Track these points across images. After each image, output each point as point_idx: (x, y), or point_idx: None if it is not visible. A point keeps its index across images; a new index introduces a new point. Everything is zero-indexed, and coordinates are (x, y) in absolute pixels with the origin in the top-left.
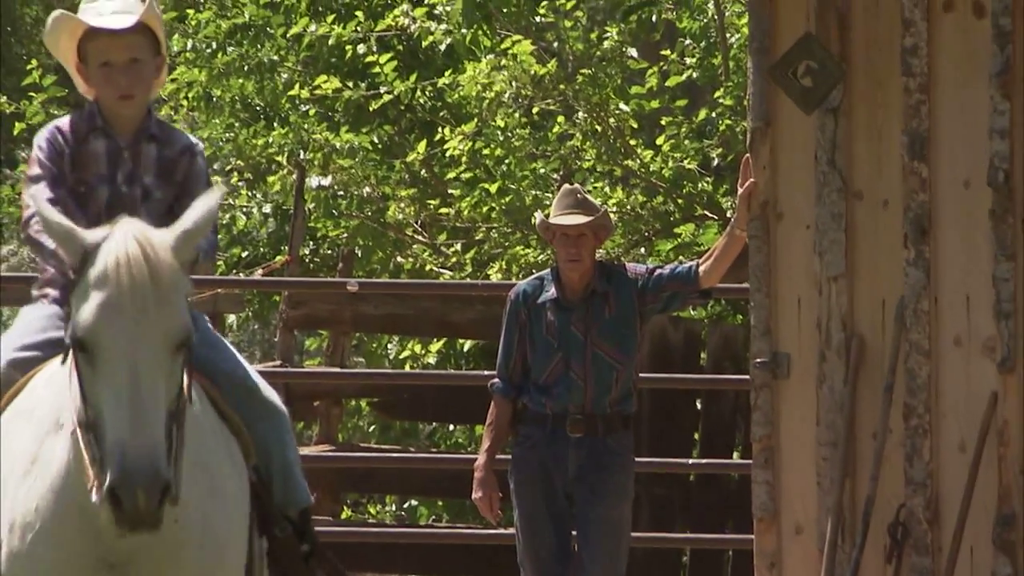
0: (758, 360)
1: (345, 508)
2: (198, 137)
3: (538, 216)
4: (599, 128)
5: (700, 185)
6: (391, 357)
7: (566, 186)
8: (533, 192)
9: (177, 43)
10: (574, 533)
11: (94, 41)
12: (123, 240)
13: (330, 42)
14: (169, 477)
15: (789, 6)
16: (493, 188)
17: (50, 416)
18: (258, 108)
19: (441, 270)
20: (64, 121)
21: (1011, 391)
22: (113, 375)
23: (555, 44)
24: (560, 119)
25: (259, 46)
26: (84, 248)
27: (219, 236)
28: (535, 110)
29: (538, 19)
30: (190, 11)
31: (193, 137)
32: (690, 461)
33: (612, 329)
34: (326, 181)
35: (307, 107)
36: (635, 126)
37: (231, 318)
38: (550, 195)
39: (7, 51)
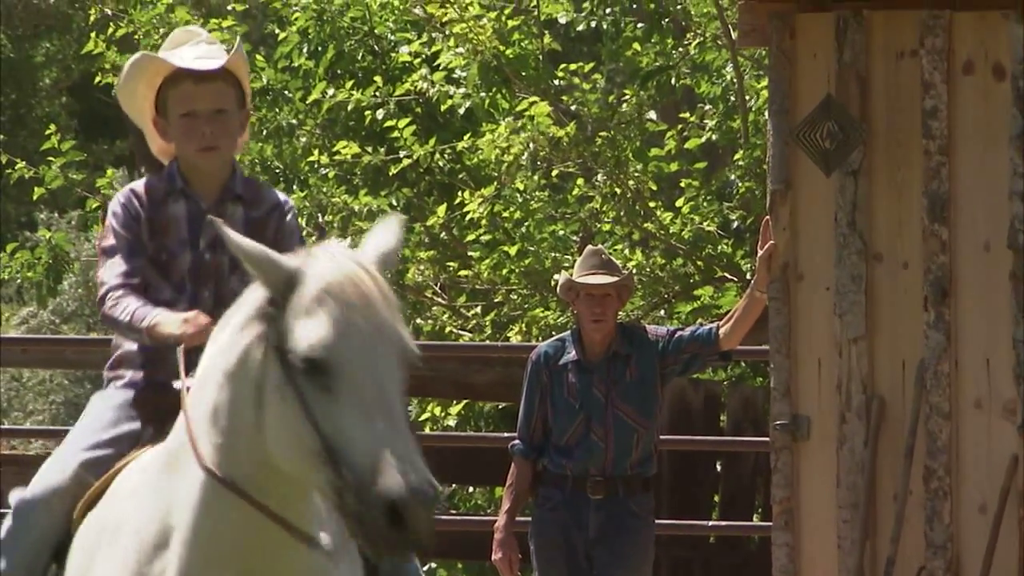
0: (778, 422)
1: None
2: None
3: (561, 277)
4: (618, 191)
5: (720, 247)
6: (411, 419)
7: (590, 247)
8: (552, 254)
9: None
10: None
11: (176, 88)
12: (335, 259)
13: (349, 107)
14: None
15: (809, 68)
16: (512, 250)
17: (147, 530)
18: (277, 171)
19: (461, 332)
20: (140, 183)
21: None
22: (358, 392)
23: (573, 107)
24: (579, 181)
25: (277, 110)
26: (287, 272)
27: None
28: (554, 172)
29: (556, 82)
30: None
31: (282, 194)
32: (710, 523)
33: (633, 391)
34: (346, 244)
35: (326, 170)
36: (654, 188)
37: None
38: (569, 257)
39: (28, 113)
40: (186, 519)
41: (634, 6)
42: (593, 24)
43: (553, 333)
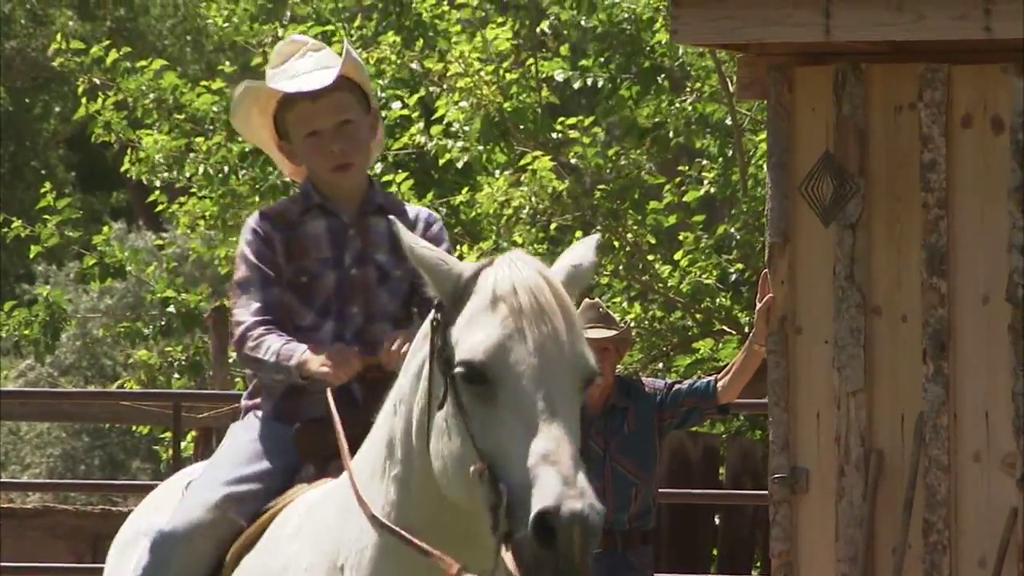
0: (776, 475)
1: None
2: (214, 256)
3: None
4: (616, 243)
5: (718, 300)
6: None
7: (587, 300)
8: None
9: (189, 168)
10: None
11: (292, 110)
12: (512, 265)
13: None
14: (602, 521)
15: (808, 121)
16: None
17: (317, 571)
18: None
19: None
20: (272, 207)
21: None
22: (521, 404)
23: (572, 160)
24: (578, 234)
25: (271, 168)
26: (459, 277)
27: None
28: (552, 226)
29: (555, 135)
30: (199, 139)
31: (425, 208)
32: None
33: (631, 444)
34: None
35: None
36: (652, 241)
37: None
38: None
39: (26, 165)
40: (357, 563)
41: (632, 66)
42: (589, 82)
43: None
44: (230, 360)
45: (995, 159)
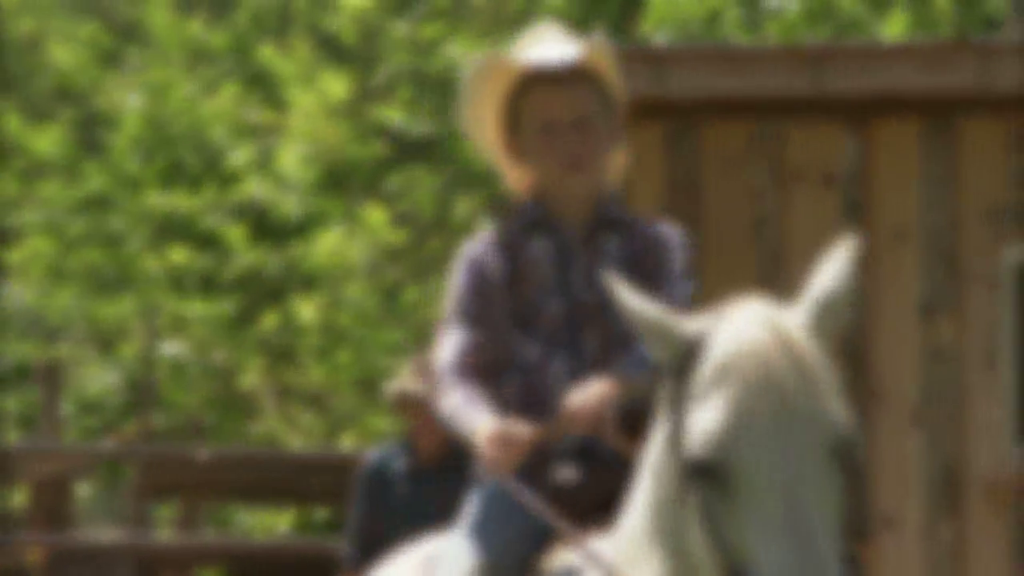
0: None
1: None
2: (45, 306)
3: (391, 385)
4: None
5: None
6: (244, 526)
7: (418, 355)
8: (386, 361)
9: (27, 215)
10: None
11: (527, 97)
12: (747, 321)
13: (180, 212)
14: None
15: (641, 177)
16: (345, 359)
17: None
18: (108, 277)
19: (293, 439)
20: (488, 231)
21: None
22: (761, 501)
23: (405, 211)
24: (412, 290)
25: (108, 216)
26: (685, 341)
27: (72, 405)
28: (387, 279)
29: (389, 187)
30: (40, 183)
31: (669, 224)
32: None
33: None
34: (178, 348)
35: (157, 275)
36: None
37: (82, 487)
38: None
39: None
40: None
41: None
42: (425, 130)
43: (387, 440)
44: (60, 414)
45: (826, 213)
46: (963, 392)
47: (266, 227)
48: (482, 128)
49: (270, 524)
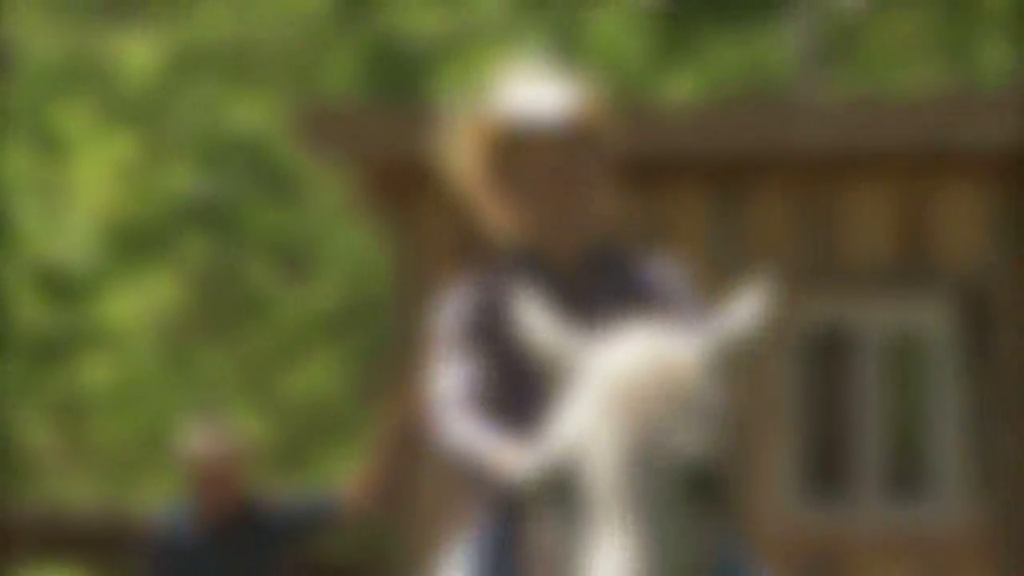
0: None
1: None
2: None
3: (180, 446)
4: (242, 357)
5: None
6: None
7: (207, 418)
8: (174, 421)
9: None
10: None
11: (515, 145)
12: (629, 352)
13: None
14: None
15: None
16: (133, 419)
17: None
18: None
19: (85, 499)
20: (474, 275)
21: None
22: (605, 516)
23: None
24: (200, 351)
25: None
26: (569, 362)
27: None
28: (177, 340)
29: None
30: None
31: (670, 263)
32: None
33: (252, 563)
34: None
35: None
36: (278, 355)
37: None
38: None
39: None
40: None
41: (258, 177)
42: (214, 193)
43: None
44: None
45: None
46: (749, 450)
47: (54, 286)
48: (463, 171)
49: None
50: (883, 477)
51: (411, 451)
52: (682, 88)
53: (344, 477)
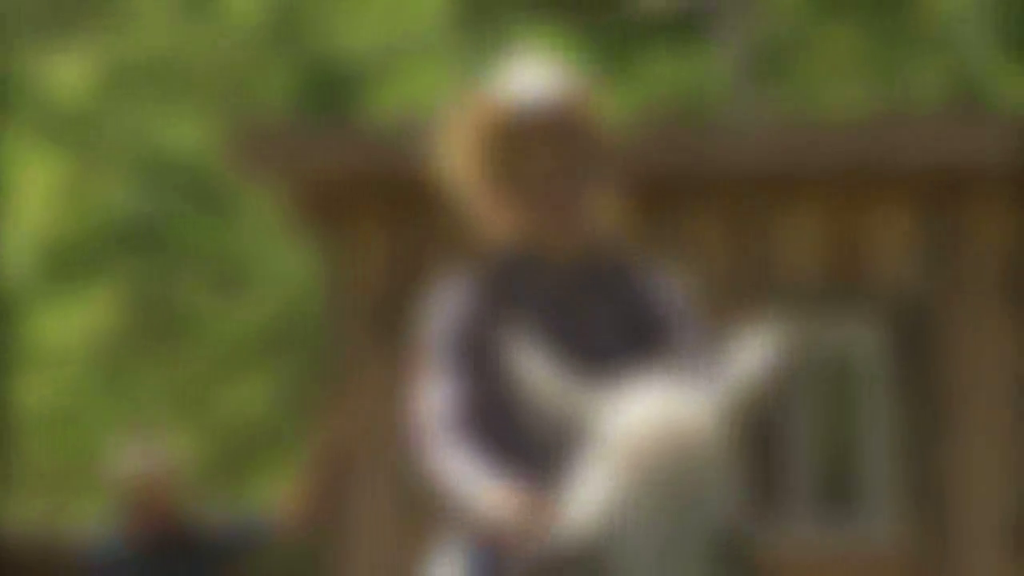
0: None
1: None
2: None
3: (112, 465)
4: (176, 377)
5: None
6: None
7: (134, 447)
8: (108, 441)
9: None
10: None
11: (502, 140)
12: (645, 411)
13: None
14: None
15: None
16: (66, 439)
17: None
18: None
19: (19, 520)
20: (465, 277)
21: None
22: None
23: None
24: (137, 373)
25: None
26: (581, 419)
27: None
28: (111, 361)
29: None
30: None
31: (664, 272)
32: None
33: None
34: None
35: None
36: (211, 373)
37: None
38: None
39: None
40: None
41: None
42: (150, 211)
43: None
44: None
45: None
46: None
47: None
48: (456, 169)
49: None
50: (814, 496)
51: (343, 470)
52: (614, 107)
53: (278, 496)
